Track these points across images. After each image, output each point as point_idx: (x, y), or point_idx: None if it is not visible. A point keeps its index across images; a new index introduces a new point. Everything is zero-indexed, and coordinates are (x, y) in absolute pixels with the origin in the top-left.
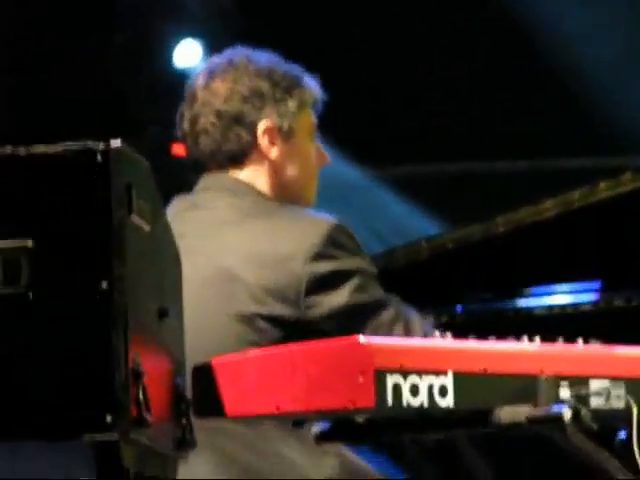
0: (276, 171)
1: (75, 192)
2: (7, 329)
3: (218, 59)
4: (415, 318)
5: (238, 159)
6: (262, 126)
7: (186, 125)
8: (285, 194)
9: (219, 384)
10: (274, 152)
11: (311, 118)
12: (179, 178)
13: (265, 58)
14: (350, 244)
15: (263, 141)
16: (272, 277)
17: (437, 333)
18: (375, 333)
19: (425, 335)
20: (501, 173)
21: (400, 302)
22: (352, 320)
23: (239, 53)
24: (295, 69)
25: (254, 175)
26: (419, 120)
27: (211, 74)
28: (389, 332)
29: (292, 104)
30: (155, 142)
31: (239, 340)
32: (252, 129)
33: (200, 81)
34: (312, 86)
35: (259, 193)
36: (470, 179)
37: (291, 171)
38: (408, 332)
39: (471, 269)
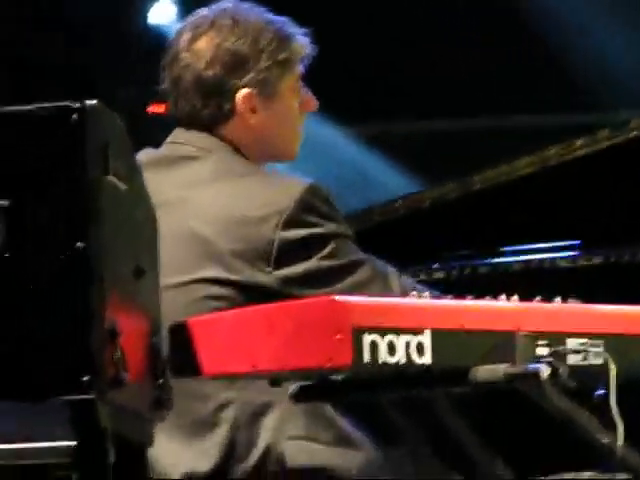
0: (256, 134)
1: (51, 151)
2: None
3: (205, 12)
4: (394, 275)
5: (218, 122)
6: (241, 95)
7: (167, 84)
8: (265, 151)
9: (196, 343)
10: (254, 119)
11: (297, 73)
12: (155, 138)
13: (254, 16)
14: (325, 208)
15: (242, 108)
16: (242, 241)
17: (417, 289)
18: (352, 292)
19: (405, 291)
20: (478, 130)
21: (377, 261)
22: (324, 283)
23: (227, 9)
24: (286, 26)
25: (233, 135)
26: (393, 78)
27: (195, 32)
28: (366, 290)
29: (277, 70)
30: (130, 101)
31: (206, 304)
32: (232, 97)
33: (184, 38)
34: (302, 42)
35: (235, 153)
36: (447, 137)
37: (272, 132)
38: (387, 289)
39: (448, 227)
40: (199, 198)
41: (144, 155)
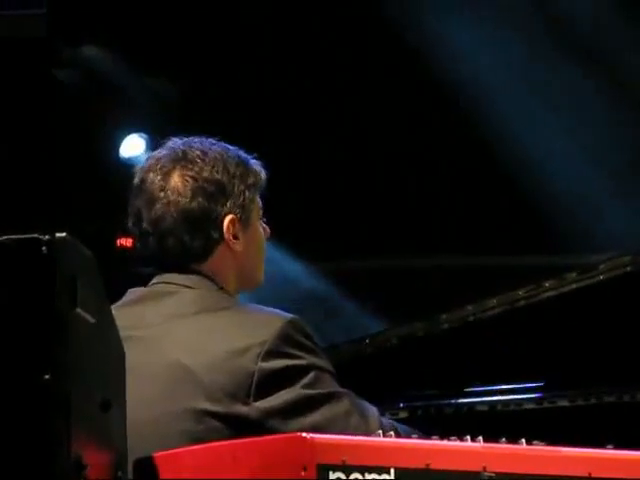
0: (239, 262)
1: (19, 283)
2: None
3: (165, 152)
4: (373, 412)
5: (206, 253)
6: (227, 221)
7: (147, 225)
8: (244, 278)
9: (161, 478)
10: (237, 245)
11: (258, 200)
12: (123, 270)
13: (213, 146)
14: (306, 342)
15: (229, 236)
16: (225, 373)
17: (397, 428)
18: (330, 426)
19: (383, 430)
20: (446, 269)
21: (357, 396)
22: (302, 415)
23: (189, 144)
24: (241, 154)
25: (216, 268)
26: (364, 214)
27: (163, 170)
28: (345, 424)
29: (248, 194)
30: (100, 233)
31: (184, 436)
32: (219, 226)
33: (153, 179)
34: (258, 169)
35: (217, 287)
36: (416, 275)
37: (251, 258)
38: (365, 425)
39: (414, 366)
40: (183, 331)
41: (131, 292)
